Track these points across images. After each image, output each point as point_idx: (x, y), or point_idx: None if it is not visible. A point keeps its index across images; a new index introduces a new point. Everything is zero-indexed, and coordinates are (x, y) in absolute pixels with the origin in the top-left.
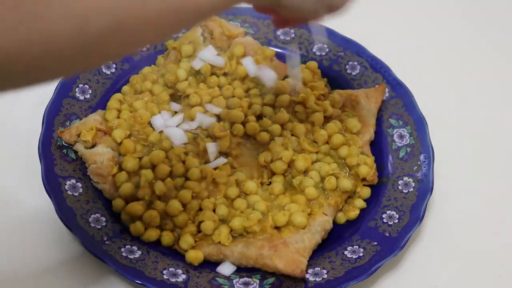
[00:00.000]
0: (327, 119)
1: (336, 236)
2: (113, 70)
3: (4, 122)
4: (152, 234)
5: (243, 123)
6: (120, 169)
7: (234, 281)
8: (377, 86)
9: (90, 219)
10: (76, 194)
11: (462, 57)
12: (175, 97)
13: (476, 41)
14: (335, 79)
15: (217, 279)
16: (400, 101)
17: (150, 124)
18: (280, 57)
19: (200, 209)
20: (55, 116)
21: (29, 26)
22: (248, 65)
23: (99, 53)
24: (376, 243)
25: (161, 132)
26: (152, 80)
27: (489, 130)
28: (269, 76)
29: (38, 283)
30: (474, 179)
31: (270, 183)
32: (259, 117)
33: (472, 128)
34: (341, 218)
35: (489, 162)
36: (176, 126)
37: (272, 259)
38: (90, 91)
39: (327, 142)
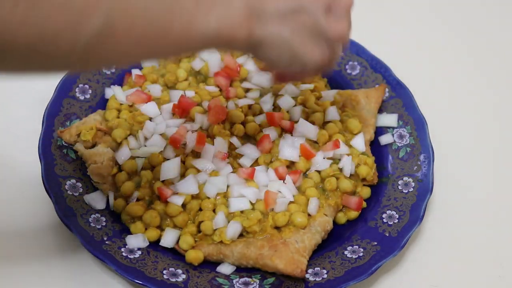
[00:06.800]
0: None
1: (336, 236)
2: (113, 70)
3: (4, 122)
4: (152, 234)
5: (243, 123)
6: (120, 169)
7: (234, 281)
8: (377, 86)
9: (90, 219)
10: (76, 194)
11: (462, 57)
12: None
13: (476, 41)
14: (335, 79)
15: (217, 279)
16: (400, 101)
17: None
18: None
19: (200, 209)
20: (55, 116)
21: (26, 10)
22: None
23: (87, 55)
24: (376, 243)
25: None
26: (152, 80)
27: (490, 130)
28: (265, 77)
29: (38, 283)
30: (474, 179)
31: None
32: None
33: (472, 128)
34: (341, 218)
35: (489, 162)
36: (176, 127)
37: (272, 259)
38: (90, 91)
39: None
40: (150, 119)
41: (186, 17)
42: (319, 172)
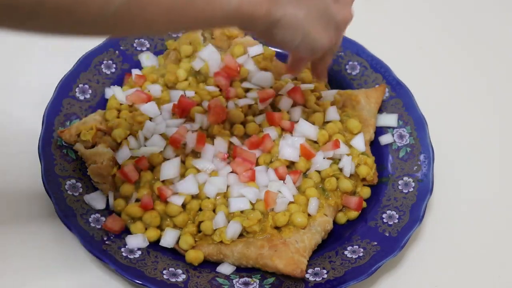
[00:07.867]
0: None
1: (336, 236)
2: (113, 70)
3: (5, 122)
4: (152, 234)
5: (243, 123)
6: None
7: (234, 281)
8: (377, 86)
9: (90, 219)
10: (76, 194)
11: (462, 57)
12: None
13: (476, 41)
14: (335, 79)
15: (217, 279)
16: (400, 101)
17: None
18: (280, 57)
19: (200, 209)
20: (55, 116)
21: None
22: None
23: (116, 21)
24: (376, 243)
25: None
26: (152, 80)
27: (489, 130)
28: (265, 77)
29: (38, 283)
30: (473, 178)
31: None
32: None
33: (472, 128)
34: (341, 218)
35: (489, 162)
36: (176, 127)
37: (272, 259)
38: (90, 91)
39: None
40: (150, 119)
41: None
42: (319, 172)
